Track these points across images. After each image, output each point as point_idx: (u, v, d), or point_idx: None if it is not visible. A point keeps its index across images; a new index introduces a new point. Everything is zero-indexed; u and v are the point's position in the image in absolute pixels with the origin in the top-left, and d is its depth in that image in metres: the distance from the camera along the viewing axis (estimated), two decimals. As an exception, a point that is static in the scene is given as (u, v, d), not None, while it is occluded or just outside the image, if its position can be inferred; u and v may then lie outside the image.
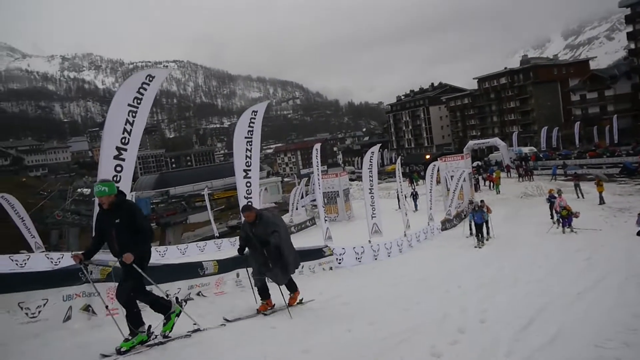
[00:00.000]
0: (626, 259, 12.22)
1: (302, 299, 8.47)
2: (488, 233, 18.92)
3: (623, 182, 34.61)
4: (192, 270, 9.18)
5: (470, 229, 19.60)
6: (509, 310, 7.71)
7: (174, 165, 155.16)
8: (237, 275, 10.49)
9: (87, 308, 6.61)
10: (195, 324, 6.63)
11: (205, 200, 34.29)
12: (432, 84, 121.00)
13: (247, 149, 11.79)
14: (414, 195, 32.70)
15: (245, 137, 11.84)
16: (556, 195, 20.88)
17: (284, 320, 7.36)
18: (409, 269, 13.50)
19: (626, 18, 67.97)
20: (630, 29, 67.43)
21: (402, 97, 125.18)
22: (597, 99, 71.21)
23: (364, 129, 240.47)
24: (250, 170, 11.74)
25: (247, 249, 7.91)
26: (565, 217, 18.74)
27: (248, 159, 11.78)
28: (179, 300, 6.57)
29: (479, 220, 18.42)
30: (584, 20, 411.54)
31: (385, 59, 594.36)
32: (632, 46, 68.08)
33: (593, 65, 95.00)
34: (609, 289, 9.07)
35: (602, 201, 25.37)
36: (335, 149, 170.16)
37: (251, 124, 11.89)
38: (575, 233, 18.15)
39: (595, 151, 53.32)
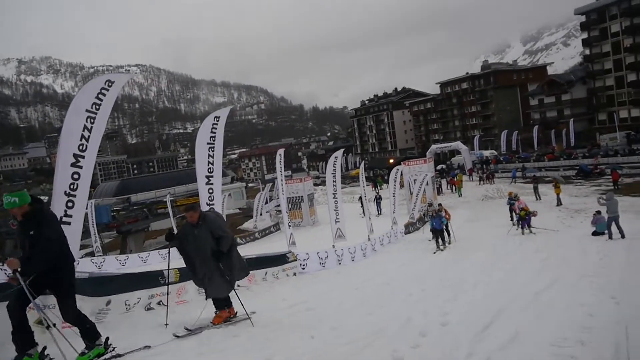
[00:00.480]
0: (581, 259, 12.59)
1: (236, 312, 7.67)
2: (449, 236, 18.83)
3: (579, 183, 35.66)
4: (152, 279, 9.00)
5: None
6: (470, 312, 7.81)
7: (135, 172, 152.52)
8: (200, 283, 10.36)
9: (40, 322, 6.40)
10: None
11: (167, 207, 33.80)
12: (396, 88, 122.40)
13: (209, 155, 11.68)
14: (377, 199, 32.98)
15: (208, 143, 11.73)
16: (514, 199, 21.41)
17: (246, 328, 7.28)
18: (373, 273, 13.56)
19: (581, 25, 70.30)
20: (585, 35, 69.75)
21: (366, 101, 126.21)
22: (554, 103, 73.45)
23: (329, 134, 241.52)
24: (212, 176, 11.63)
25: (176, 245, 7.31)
26: (523, 218, 19.18)
27: (210, 165, 11.67)
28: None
29: (437, 226, 18.07)
30: (541, 26, 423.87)
31: (350, 64, 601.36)
32: (587, 52, 70.40)
33: (551, 70, 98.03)
34: (564, 288, 9.31)
35: (559, 202, 26.08)
36: (299, 153, 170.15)
37: (213, 130, 11.79)
38: (534, 234, 18.59)
39: (553, 154, 54.85)
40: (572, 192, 30.35)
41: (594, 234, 16.54)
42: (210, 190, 11.58)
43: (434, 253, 17.24)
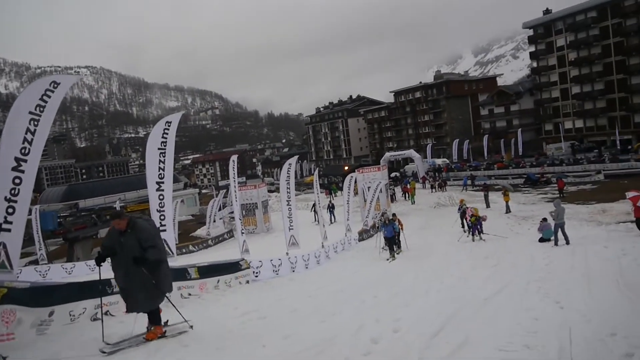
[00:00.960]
0: (529, 265, 12.95)
1: (165, 332, 7.14)
2: (399, 247, 18.72)
3: (527, 191, 36.78)
4: (99, 288, 8.69)
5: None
6: (421, 319, 7.89)
7: (84, 177, 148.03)
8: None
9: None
10: None
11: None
12: (351, 96, 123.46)
13: (160, 161, 11.43)
14: (330, 208, 33.11)
15: (159, 149, 11.48)
16: (463, 207, 21.92)
17: (197, 338, 7.12)
18: (326, 281, 13.55)
19: (529, 39, 72.95)
20: (532, 48, 72.40)
21: (322, 109, 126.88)
22: (503, 113, 75.82)
23: (284, 140, 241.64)
24: (163, 182, 11.38)
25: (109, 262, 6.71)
26: (474, 224, 19.56)
27: (161, 171, 11.42)
28: None
29: (389, 233, 18.02)
30: (492, 39, 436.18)
31: (306, 70, 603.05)
32: (535, 65, 73.02)
33: (500, 81, 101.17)
34: (513, 293, 9.55)
35: (508, 210, 26.76)
36: (254, 160, 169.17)
37: (165, 135, 11.55)
38: (484, 241, 19.00)
39: (502, 162, 56.44)
40: (520, 200, 31.21)
41: (541, 240, 17.05)
42: (161, 197, 11.32)
43: (387, 260, 17.30)
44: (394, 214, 20.78)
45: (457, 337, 6.66)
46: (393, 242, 18.14)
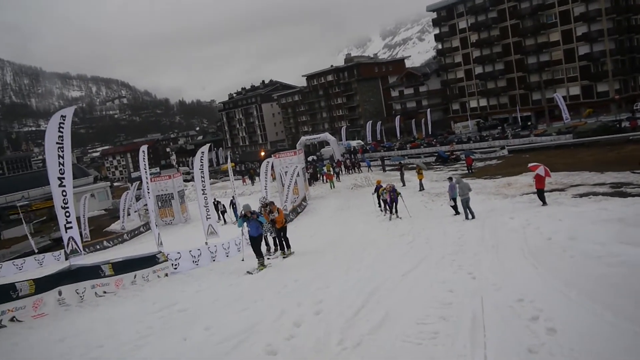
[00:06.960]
0: (442, 239, 13.46)
1: None
2: (288, 247, 14.41)
3: (438, 169, 38.22)
4: (2, 293, 8.15)
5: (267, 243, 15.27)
6: (342, 299, 7.99)
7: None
8: (60, 293, 9.60)
9: None
10: None
11: (19, 213, 30.85)
12: (263, 81, 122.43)
13: (59, 156, 10.92)
14: (233, 205, 27.36)
15: (57, 143, 10.99)
16: (382, 185, 22.30)
17: (113, 335, 6.84)
18: (247, 268, 13.41)
19: (433, 21, 75.34)
20: (437, 31, 74.87)
21: (235, 94, 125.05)
22: (413, 94, 78.30)
23: (197, 128, 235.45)
24: (64, 177, 10.86)
25: None
26: (392, 200, 19.82)
27: (61, 166, 10.92)
28: None
29: (253, 232, 12.74)
30: (398, 21, 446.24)
31: (217, 56, 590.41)
32: (440, 47, 75.68)
33: (408, 63, 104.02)
34: (428, 268, 9.89)
35: (421, 188, 27.66)
36: (168, 149, 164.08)
37: (61, 129, 11.04)
38: (400, 219, 19.51)
39: (415, 142, 58.32)
40: (432, 178, 32.31)
41: (454, 206, 17.72)
42: (64, 193, 10.81)
43: (250, 273, 12.24)
44: (271, 202, 15.34)
45: (378, 314, 6.81)
46: (259, 245, 12.92)
